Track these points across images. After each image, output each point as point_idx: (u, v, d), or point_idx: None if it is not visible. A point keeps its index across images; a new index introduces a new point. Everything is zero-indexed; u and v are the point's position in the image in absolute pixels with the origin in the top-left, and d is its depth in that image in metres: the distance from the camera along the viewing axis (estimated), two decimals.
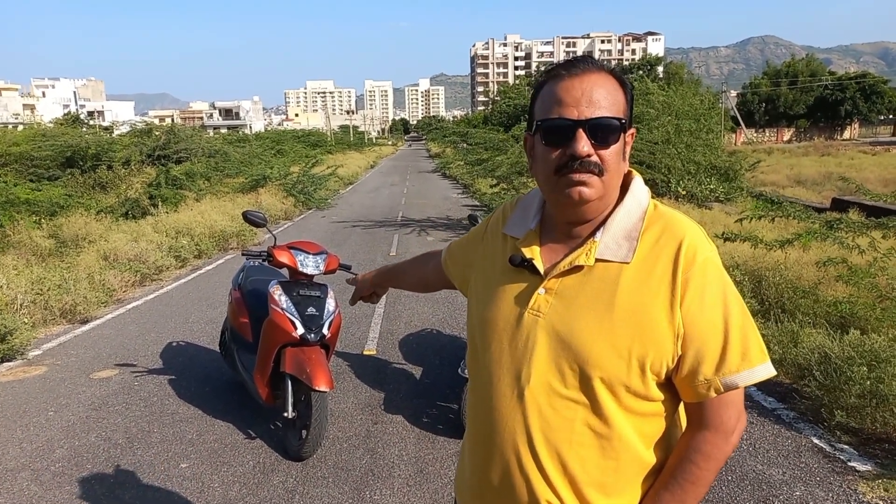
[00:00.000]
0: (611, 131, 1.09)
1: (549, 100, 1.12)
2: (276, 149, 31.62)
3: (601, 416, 1.10)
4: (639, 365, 1.08)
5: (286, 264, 3.83)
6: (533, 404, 1.13)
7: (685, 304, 1.07)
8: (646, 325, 1.07)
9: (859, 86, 59.54)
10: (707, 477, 1.11)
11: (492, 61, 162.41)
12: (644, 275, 1.10)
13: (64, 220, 11.16)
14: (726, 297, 1.10)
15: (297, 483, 3.39)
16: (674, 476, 1.12)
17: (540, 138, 1.14)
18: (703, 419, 1.11)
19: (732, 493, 3.19)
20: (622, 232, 1.13)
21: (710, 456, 1.11)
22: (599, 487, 1.13)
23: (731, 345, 1.08)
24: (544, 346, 1.13)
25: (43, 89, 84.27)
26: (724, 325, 1.08)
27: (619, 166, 1.14)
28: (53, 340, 6.03)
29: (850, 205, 11.49)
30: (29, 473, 3.55)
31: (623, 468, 1.13)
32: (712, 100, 17.02)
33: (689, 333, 1.07)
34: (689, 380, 1.09)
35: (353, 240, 11.84)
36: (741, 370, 1.08)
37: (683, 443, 1.14)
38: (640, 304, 1.08)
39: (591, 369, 1.09)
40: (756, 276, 6.08)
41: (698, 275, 1.08)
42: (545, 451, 1.12)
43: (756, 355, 1.09)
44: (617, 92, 1.12)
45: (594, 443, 1.11)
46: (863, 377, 3.70)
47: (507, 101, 59.97)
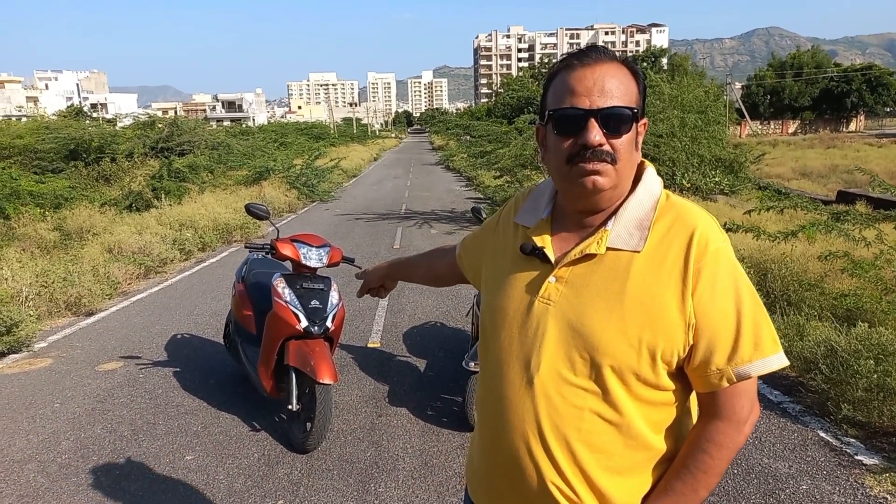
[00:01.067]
0: (623, 121, 1.09)
1: (562, 89, 1.12)
2: (280, 141, 31.61)
3: (611, 404, 1.10)
4: (649, 354, 1.08)
5: (289, 257, 3.82)
6: (542, 392, 1.13)
7: (697, 294, 1.07)
8: (656, 314, 1.07)
9: (865, 78, 59.17)
10: (719, 466, 1.11)
11: (495, 53, 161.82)
12: (655, 264, 1.09)
13: (68, 212, 11.17)
14: (738, 287, 1.09)
15: (301, 475, 3.40)
16: (686, 465, 1.13)
17: (552, 128, 1.14)
18: (715, 409, 1.11)
19: (739, 486, 3.18)
20: (634, 221, 1.13)
21: (723, 446, 1.10)
22: (609, 474, 1.13)
23: (743, 334, 1.07)
24: (554, 334, 1.13)
25: (46, 82, 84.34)
26: (737, 314, 1.07)
27: (632, 156, 1.14)
28: (59, 333, 6.04)
29: (857, 197, 11.42)
30: (35, 465, 3.56)
31: (633, 456, 1.13)
32: (717, 92, 16.91)
33: (700, 323, 1.07)
34: (701, 369, 1.09)
35: (357, 232, 11.83)
36: (753, 360, 1.07)
37: (696, 432, 1.14)
38: (650, 292, 1.08)
39: (601, 357, 1.09)
40: (762, 268, 6.06)
41: (710, 264, 1.08)
42: (554, 438, 1.12)
43: (769, 345, 1.08)
44: (629, 82, 1.12)
45: (603, 430, 1.11)
46: (870, 370, 3.68)
47: (510, 93, 59.78)
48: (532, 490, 1.16)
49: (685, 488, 1.12)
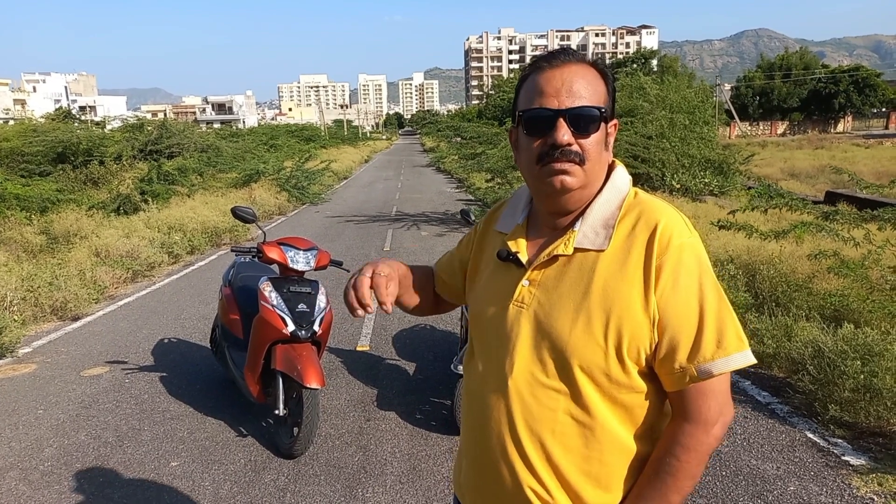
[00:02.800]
0: (591, 121, 1.10)
1: (531, 91, 1.13)
2: (270, 143, 31.48)
3: (582, 406, 1.10)
4: (616, 352, 1.07)
5: (276, 260, 3.79)
6: (516, 394, 1.14)
7: (659, 290, 1.06)
8: (621, 312, 1.07)
9: (852, 79, 59.64)
10: (688, 469, 1.08)
11: (486, 55, 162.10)
12: (619, 261, 1.09)
13: (55, 216, 11.06)
14: (702, 283, 1.07)
15: (288, 481, 3.37)
16: (655, 469, 1.11)
17: (522, 129, 1.15)
18: (683, 410, 1.10)
19: (727, 488, 3.18)
20: (600, 221, 1.14)
21: (690, 448, 1.08)
22: (585, 476, 1.12)
23: (705, 332, 1.06)
24: (527, 336, 1.14)
25: (34, 84, 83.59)
26: (699, 311, 1.06)
27: (601, 156, 1.15)
28: (44, 338, 5.97)
29: (844, 198, 11.50)
30: (17, 473, 3.51)
31: (608, 458, 1.12)
32: (706, 92, 16.98)
33: (663, 319, 1.06)
34: (666, 367, 1.08)
35: (347, 235, 11.79)
36: (716, 358, 1.05)
37: (666, 435, 1.12)
38: (614, 290, 1.08)
39: (569, 357, 1.09)
40: (750, 269, 6.07)
41: (672, 260, 1.07)
42: (528, 440, 1.13)
43: (732, 343, 1.06)
44: (598, 82, 1.13)
45: (577, 432, 1.11)
46: (856, 371, 3.69)
47: (501, 94, 59.87)
48: (509, 493, 1.17)
49: (654, 493, 1.10)
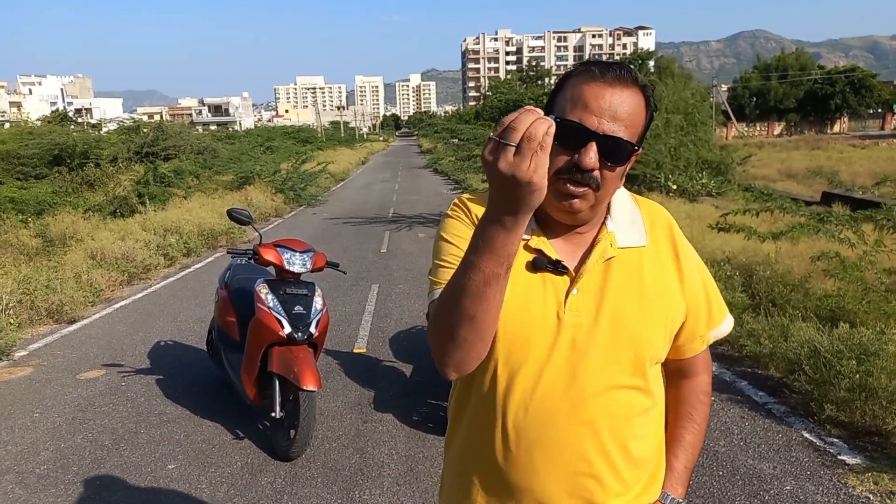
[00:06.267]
0: (621, 155, 1.06)
1: (575, 99, 1.06)
2: (266, 145, 31.48)
3: (649, 394, 1.18)
4: (671, 338, 1.19)
5: (272, 262, 3.78)
6: (596, 404, 1.11)
7: (686, 276, 1.19)
8: (671, 301, 1.17)
9: (849, 80, 59.78)
10: (709, 410, 1.32)
11: (483, 56, 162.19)
12: (658, 255, 1.18)
13: (51, 218, 11.06)
14: (698, 260, 1.24)
15: (285, 483, 3.36)
16: (692, 418, 1.28)
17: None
18: (696, 367, 1.28)
19: (724, 488, 3.18)
20: (626, 219, 1.19)
21: (708, 392, 1.31)
22: (658, 464, 1.23)
23: (712, 302, 1.24)
24: (596, 343, 1.10)
25: (30, 86, 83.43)
26: (704, 285, 1.23)
27: (616, 183, 1.12)
28: (40, 341, 5.96)
29: (840, 198, 11.53)
30: (14, 476, 3.50)
31: (660, 433, 1.25)
32: (703, 94, 17.03)
33: (687, 300, 1.20)
34: (690, 339, 1.22)
35: (344, 236, 11.78)
36: (720, 323, 1.26)
37: (684, 392, 1.29)
38: (662, 281, 1.17)
39: (643, 354, 1.14)
40: (747, 270, 6.09)
41: (683, 246, 1.22)
42: (616, 448, 1.14)
43: (724, 306, 1.28)
44: (641, 112, 1.08)
45: (647, 420, 1.18)
46: (852, 371, 3.71)
47: (498, 96, 59.87)
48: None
49: (696, 439, 1.28)
